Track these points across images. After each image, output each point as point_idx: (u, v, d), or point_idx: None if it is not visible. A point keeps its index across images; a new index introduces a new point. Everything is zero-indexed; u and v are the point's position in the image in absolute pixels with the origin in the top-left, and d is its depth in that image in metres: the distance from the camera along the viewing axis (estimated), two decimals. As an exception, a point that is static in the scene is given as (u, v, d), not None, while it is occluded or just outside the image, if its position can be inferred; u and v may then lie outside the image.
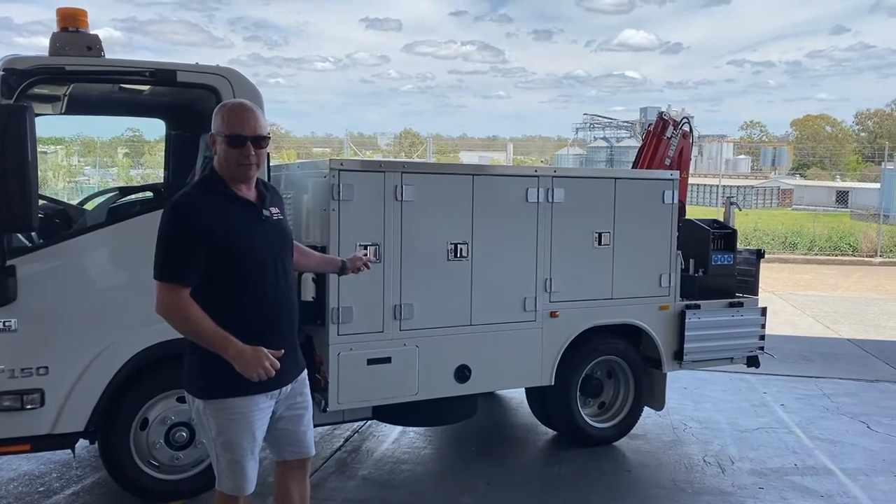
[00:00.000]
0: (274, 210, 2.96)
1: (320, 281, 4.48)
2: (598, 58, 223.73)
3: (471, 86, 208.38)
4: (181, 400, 4.32)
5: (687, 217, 6.11)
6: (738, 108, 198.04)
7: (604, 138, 70.52)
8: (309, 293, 4.48)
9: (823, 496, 4.71)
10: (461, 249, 4.86)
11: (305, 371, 3.16)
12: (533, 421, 5.82)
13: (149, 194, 5.61)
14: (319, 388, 4.58)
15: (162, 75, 4.15)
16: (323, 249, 4.48)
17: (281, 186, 5.10)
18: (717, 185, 30.18)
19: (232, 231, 2.80)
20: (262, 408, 2.91)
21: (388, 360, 4.65)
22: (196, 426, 2.97)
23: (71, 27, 4.05)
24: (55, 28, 4.07)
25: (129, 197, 5.29)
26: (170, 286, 2.73)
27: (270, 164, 4.51)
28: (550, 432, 5.74)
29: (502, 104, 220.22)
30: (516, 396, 6.51)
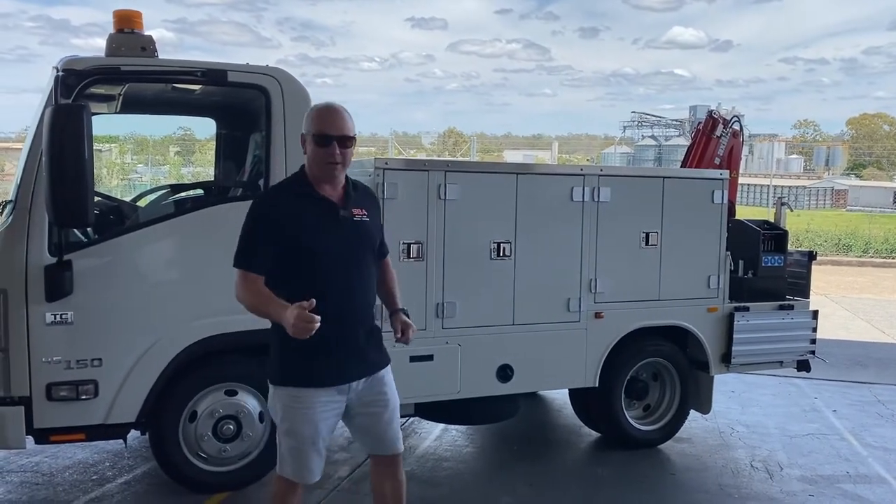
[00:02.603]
0: (358, 211, 3.02)
1: (365, 278, 4.51)
2: (646, 55, 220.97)
3: (516, 84, 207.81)
4: (229, 393, 4.41)
5: (737, 217, 6.00)
6: (790, 106, 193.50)
7: (652, 137, 69.59)
8: (354, 290, 4.52)
9: (877, 505, 4.58)
10: (504, 248, 4.86)
11: (387, 370, 3.17)
12: (576, 422, 5.78)
13: (199, 192, 5.74)
14: (362, 385, 4.62)
15: (213, 75, 4.24)
16: (367, 247, 4.53)
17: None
18: (768, 185, 29.47)
19: (303, 228, 2.92)
20: (326, 401, 2.97)
21: (430, 357, 4.67)
22: (269, 409, 3.12)
23: (126, 28, 4.17)
24: (111, 30, 4.19)
25: (180, 194, 5.41)
26: (240, 272, 2.97)
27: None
28: (594, 434, 5.69)
29: (548, 102, 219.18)
30: (559, 397, 6.47)
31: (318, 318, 2.68)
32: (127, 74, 4.12)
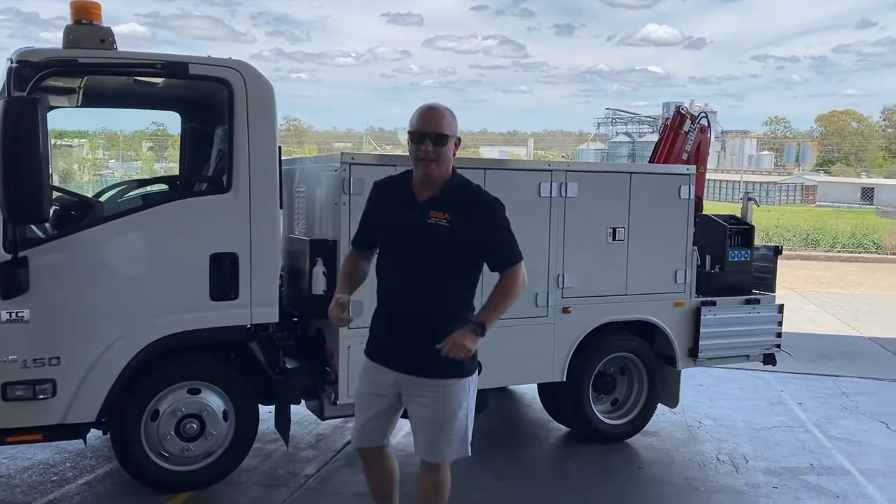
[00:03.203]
0: (437, 214, 3.04)
1: (331, 275, 4.47)
2: (620, 52, 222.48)
3: (492, 80, 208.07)
4: (192, 392, 4.35)
5: (704, 212, 6.04)
6: (761, 103, 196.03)
7: (626, 133, 70.11)
8: (320, 287, 4.48)
9: (839, 497, 4.64)
10: (473, 244, 4.83)
11: (436, 381, 3.11)
12: (545, 417, 5.79)
13: (163, 187, 5.65)
14: (329, 381, 4.59)
15: (174, 68, 4.16)
16: (334, 243, 4.50)
17: (297, 180, 5.11)
18: (739, 181, 29.79)
19: (380, 218, 3.22)
20: (374, 373, 3.22)
21: (398, 353, 4.63)
22: None
23: (84, 20, 4.07)
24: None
25: (142, 189, 5.32)
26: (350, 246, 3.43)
27: (281, 157, 4.51)
28: (563, 428, 5.70)
29: (523, 99, 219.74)
30: (529, 392, 6.47)
31: (347, 319, 3.17)
32: (85, 67, 4.02)
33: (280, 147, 4.46)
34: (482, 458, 5.18)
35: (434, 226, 3.03)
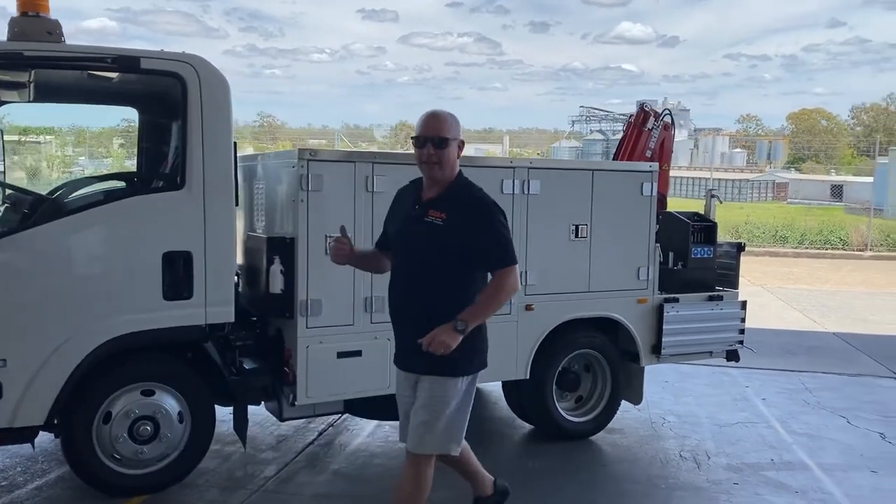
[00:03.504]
0: (434, 213, 3.20)
1: (288, 273, 4.40)
2: (595, 50, 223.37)
3: (467, 78, 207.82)
4: (146, 393, 4.25)
5: (668, 209, 6.05)
6: (734, 101, 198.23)
7: (600, 131, 70.29)
8: (277, 285, 4.41)
9: (798, 492, 4.66)
10: (435, 241, 4.78)
11: (432, 378, 3.23)
12: (510, 415, 5.76)
13: (119, 183, 5.52)
14: (288, 382, 4.52)
15: (125, 62, 4.06)
16: (292, 241, 4.42)
17: (257, 176, 5.03)
18: (709, 178, 30.07)
19: (392, 219, 3.48)
20: (398, 375, 3.44)
21: (358, 353, 4.58)
22: None
23: (31, 11, 3.97)
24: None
25: (94, 186, 5.20)
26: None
27: (237, 153, 4.43)
28: (528, 427, 5.68)
29: (499, 96, 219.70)
30: (495, 390, 6.44)
31: (342, 244, 3.36)
32: (31, 60, 3.90)
33: (235, 143, 4.38)
34: (445, 457, 5.16)
35: (430, 224, 3.19)
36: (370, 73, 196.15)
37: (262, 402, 4.85)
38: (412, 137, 3.25)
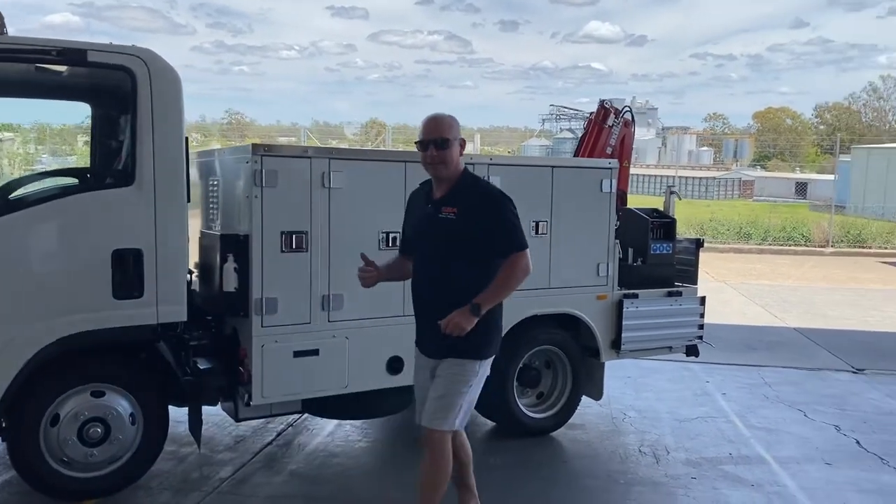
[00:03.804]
0: (447, 209, 3.43)
1: (243, 271, 4.33)
2: (564, 49, 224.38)
3: (438, 76, 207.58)
4: (96, 394, 4.15)
5: (629, 206, 6.08)
6: (701, 100, 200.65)
7: (570, 129, 70.68)
8: (231, 284, 4.34)
9: (754, 485, 4.71)
10: (394, 238, 4.74)
11: (449, 361, 3.45)
12: (472, 412, 5.73)
13: (71, 180, 5.39)
14: (243, 382, 4.45)
15: (70, 55, 3.96)
16: (246, 238, 4.35)
17: (213, 173, 4.94)
18: (674, 176, 30.43)
19: (408, 218, 3.74)
20: (417, 358, 3.70)
21: (315, 352, 4.53)
22: None
23: (-29, 3, 3.84)
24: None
25: (44, 183, 5.07)
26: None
27: (188, 149, 4.34)
28: (489, 423, 5.67)
29: (470, 94, 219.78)
30: (458, 387, 6.42)
31: (368, 272, 3.65)
32: (-30, 53, 3.78)
33: (187, 138, 4.29)
34: (406, 456, 5.14)
35: (444, 219, 3.42)
36: (340, 71, 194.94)
37: (219, 403, 4.77)
38: (416, 142, 3.49)
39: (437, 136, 3.42)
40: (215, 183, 4.90)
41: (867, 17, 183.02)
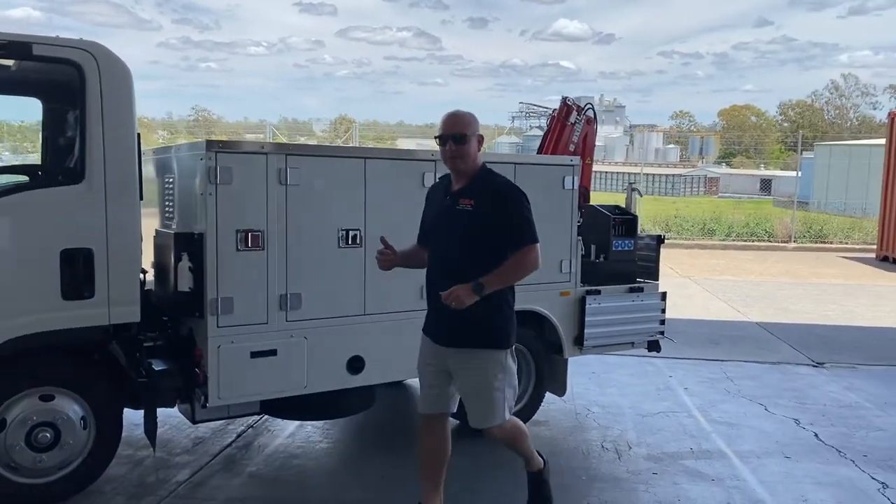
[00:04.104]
0: (464, 201, 3.58)
1: (197, 270, 4.24)
2: (533, 47, 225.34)
3: (407, 72, 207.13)
4: (45, 398, 4.04)
5: (592, 203, 6.08)
6: (667, 98, 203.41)
7: (539, 127, 71.01)
8: (186, 283, 4.24)
9: (714, 480, 4.74)
10: (354, 236, 4.69)
11: (472, 351, 3.61)
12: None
13: (22, 178, 5.23)
14: (199, 384, 4.36)
15: (15, 48, 3.84)
16: (201, 236, 4.26)
17: (168, 170, 4.83)
18: (639, 174, 30.73)
19: (427, 210, 3.89)
20: (424, 345, 3.83)
21: (273, 352, 4.45)
22: None
23: None
24: None
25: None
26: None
27: (141, 145, 4.23)
28: (453, 421, 5.62)
29: (440, 91, 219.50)
30: (422, 386, 6.38)
31: (386, 255, 3.77)
32: None
33: (139, 135, 4.19)
34: (367, 455, 5.10)
35: (461, 211, 3.58)
36: (308, 67, 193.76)
37: (176, 405, 4.68)
38: (435, 137, 3.64)
39: (456, 131, 3.58)
40: (171, 180, 4.79)
41: (828, 16, 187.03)
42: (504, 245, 3.57)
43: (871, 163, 27.20)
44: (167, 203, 4.84)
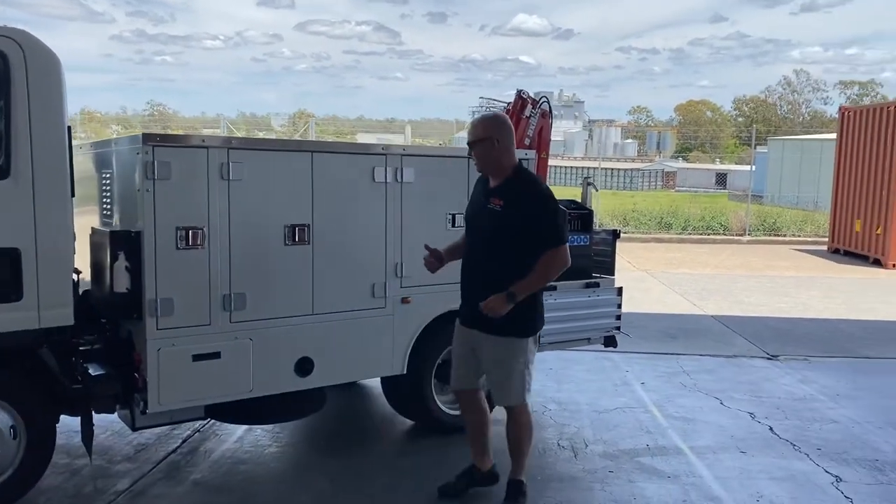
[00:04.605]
0: (495, 200, 3.86)
1: (135, 270, 4.03)
2: (492, 42, 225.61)
3: (367, 67, 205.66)
4: (-29, 405, 3.80)
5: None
6: (625, 93, 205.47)
7: (498, 121, 71.04)
8: (122, 284, 4.03)
9: (670, 477, 4.70)
10: (301, 233, 4.53)
11: (502, 339, 3.92)
12: (392, 410, 5.58)
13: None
14: (138, 389, 4.16)
15: (-68, 35, 3.58)
16: (138, 235, 4.06)
17: (105, 164, 4.60)
18: (597, 168, 30.94)
19: (469, 206, 4.18)
20: (459, 329, 4.18)
21: (216, 355, 4.27)
22: None
23: None
24: None
25: None
26: None
27: (72, 139, 4.01)
28: (408, 422, 5.51)
29: (400, 86, 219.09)
30: (378, 385, 6.24)
31: (432, 262, 4.09)
32: None
33: (70, 128, 3.96)
34: (317, 459, 4.95)
35: (491, 210, 3.85)
36: (267, 61, 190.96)
37: (117, 410, 4.46)
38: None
39: (469, 139, 3.93)
40: (108, 176, 4.57)
41: (781, 13, 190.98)
42: (527, 246, 3.77)
43: (823, 157, 27.81)
44: (105, 200, 4.61)
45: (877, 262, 15.64)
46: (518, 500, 4.13)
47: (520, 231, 3.76)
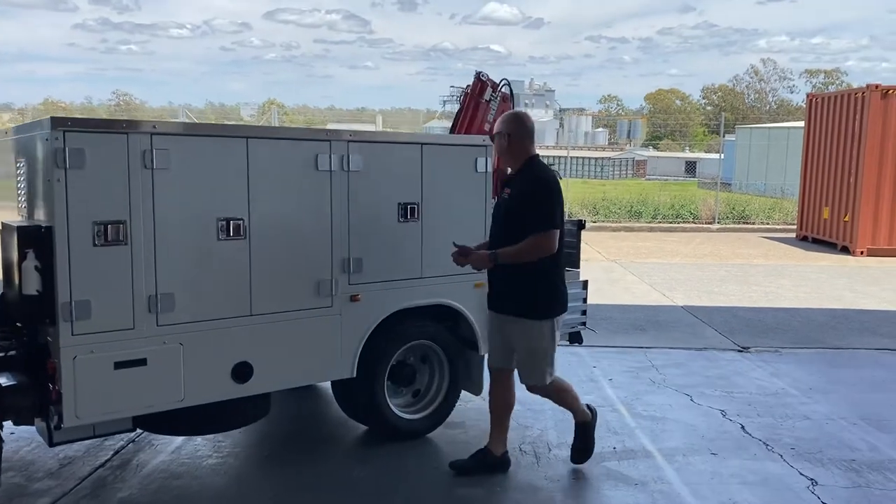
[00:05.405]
0: (507, 191, 4.24)
1: (46, 269, 3.62)
2: (463, 31, 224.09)
3: (337, 56, 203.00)
4: None
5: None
6: (596, 82, 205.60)
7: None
8: (32, 285, 3.62)
9: (638, 484, 4.41)
10: (236, 227, 4.14)
11: (521, 321, 4.22)
12: (344, 416, 5.22)
13: None
14: (52, 401, 3.75)
15: None
16: (48, 230, 3.64)
17: (20, 152, 4.16)
18: (566, 157, 30.77)
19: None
20: (489, 314, 4.46)
21: (142, 362, 3.87)
22: None
23: None
24: None
25: None
26: None
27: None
28: (362, 428, 5.16)
29: (371, 75, 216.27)
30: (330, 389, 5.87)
31: (462, 260, 4.23)
32: None
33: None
34: (262, 470, 4.58)
35: (504, 199, 4.24)
36: (235, 50, 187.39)
37: (35, 423, 4.05)
38: None
39: (490, 134, 4.44)
40: (21, 165, 4.13)
41: (748, 2, 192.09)
42: (525, 231, 4.04)
43: (790, 144, 27.89)
44: (19, 192, 4.18)
45: (844, 250, 15.60)
46: (585, 441, 4.58)
47: (520, 218, 4.07)
